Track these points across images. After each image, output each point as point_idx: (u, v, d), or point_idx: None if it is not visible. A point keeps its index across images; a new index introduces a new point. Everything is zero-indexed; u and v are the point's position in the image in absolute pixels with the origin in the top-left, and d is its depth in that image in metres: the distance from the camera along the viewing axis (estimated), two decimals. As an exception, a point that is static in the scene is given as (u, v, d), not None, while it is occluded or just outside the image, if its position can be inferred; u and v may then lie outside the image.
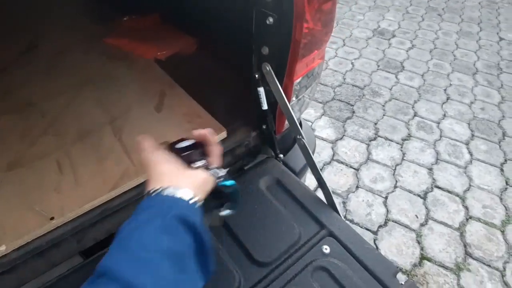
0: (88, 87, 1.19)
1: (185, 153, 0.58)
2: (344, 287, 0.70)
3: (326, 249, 0.76)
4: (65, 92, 1.17)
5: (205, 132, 0.61)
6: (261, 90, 0.89)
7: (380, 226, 2.02)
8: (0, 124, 1.03)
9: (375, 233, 1.97)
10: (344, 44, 3.60)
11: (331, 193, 0.85)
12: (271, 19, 0.74)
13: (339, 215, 0.83)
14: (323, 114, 2.78)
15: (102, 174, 0.88)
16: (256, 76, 0.87)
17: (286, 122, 0.97)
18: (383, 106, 2.87)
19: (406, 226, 2.01)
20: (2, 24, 1.54)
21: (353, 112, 2.80)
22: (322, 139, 2.55)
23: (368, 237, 1.96)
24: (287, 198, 0.88)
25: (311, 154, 0.85)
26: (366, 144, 2.54)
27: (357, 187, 2.25)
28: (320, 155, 2.41)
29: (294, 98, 0.92)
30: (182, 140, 0.63)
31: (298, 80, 0.85)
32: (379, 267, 0.72)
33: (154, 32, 1.45)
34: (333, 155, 2.42)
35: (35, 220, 0.76)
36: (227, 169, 0.61)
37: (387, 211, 2.10)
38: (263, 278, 0.72)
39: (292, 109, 0.88)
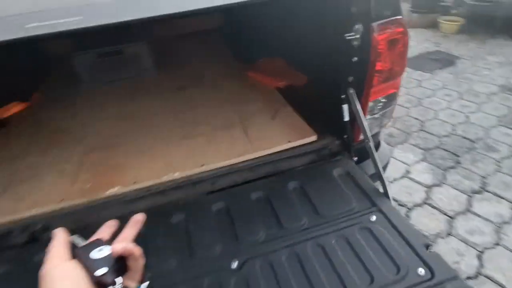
0: (229, 102, 1.81)
1: (99, 271, 0.50)
2: (381, 243, 0.95)
3: (373, 218, 1.03)
4: (216, 102, 1.81)
5: (125, 246, 0.56)
6: (345, 107, 1.26)
7: (468, 277, 1.93)
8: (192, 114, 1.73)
9: (461, 281, 1.90)
10: (460, 97, 3.53)
11: (387, 186, 1.11)
12: (355, 58, 1.14)
13: (390, 201, 1.08)
14: (423, 160, 2.80)
15: (232, 148, 1.40)
16: (343, 96, 1.25)
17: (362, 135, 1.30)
18: (498, 162, 2.70)
19: (500, 285, 1.86)
20: (181, 62, 2.42)
21: (458, 162, 2.73)
22: (418, 182, 2.59)
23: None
24: (352, 184, 1.19)
25: (375, 154, 1.15)
26: (468, 195, 2.44)
27: (449, 234, 2.20)
28: (412, 196, 2.46)
29: (369, 116, 1.26)
30: (98, 243, 0.55)
31: (372, 103, 1.20)
32: (414, 238, 0.95)
33: (278, 69, 2.02)
34: (426, 198, 2.43)
35: (193, 164, 1.32)
36: (147, 282, 0.58)
37: (481, 265, 1.99)
38: (322, 223, 1.05)
39: (366, 122, 1.22)
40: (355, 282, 0.88)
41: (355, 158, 1.33)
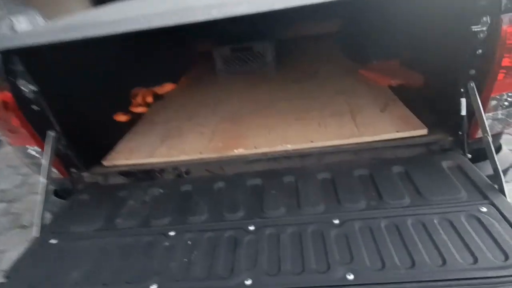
0: (342, 94, 1.96)
1: None
2: (490, 232, 0.96)
3: (483, 209, 1.04)
4: (327, 94, 1.98)
5: None
6: (463, 100, 1.27)
7: None
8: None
9: None
10: None
11: (504, 183, 1.09)
12: (480, 51, 1.15)
13: (506, 198, 1.06)
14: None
15: (339, 131, 1.55)
16: (462, 90, 1.26)
17: (479, 132, 1.28)
18: None
19: None
20: (298, 60, 2.68)
21: None
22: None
23: None
24: (462, 177, 1.19)
25: (493, 150, 1.14)
26: None
27: None
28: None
29: (491, 113, 1.24)
30: None
31: (494, 100, 1.18)
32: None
33: (391, 69, 2.06)
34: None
35: (303, 140, 1.53)
36: None
37: None
38: (424, 205, 1.11)
39: (486, 119, 1.21)
40: (457, 260, 0.92)
41: (469, 156, 1.31)
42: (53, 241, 1.27)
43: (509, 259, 0.89)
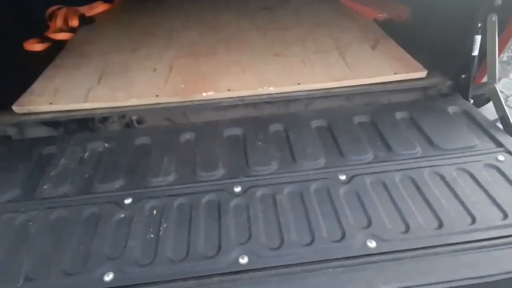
0: (323, 26, 1.67)
1: None
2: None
3: (501, 158, 0.93)
4: (306, 26, 1.68)
5: None
6: (477, 37, 1.10)
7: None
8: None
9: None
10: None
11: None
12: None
13: (520, 144, 0.97)
14: None
15: (329, 72, 1.30)
16: (479, 24, 1.08)
17: (485, 77, 1.15)
18: None
19: None
20: None
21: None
22: None
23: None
24: (471, 123, 1.07)
25: (500, 96, 1.02)
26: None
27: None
28: None
29: (506, 53, 1.09)
30: None
31: None
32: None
33: (379, 0, 1.82)
34: None
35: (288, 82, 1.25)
36: None
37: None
38: (438, 155, 0.96)
39: (500, 61, 1.06)
40: (487, 216, 0.80)
41: (472, 101, 1.19)
42: None
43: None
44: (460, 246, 0.76)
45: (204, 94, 1.24)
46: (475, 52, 1.12)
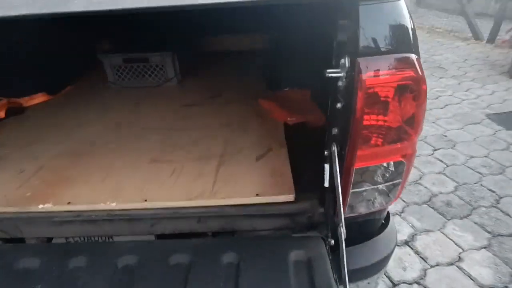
0: (226, 128, 1.57)
1: None
2: None
3: None
4: (213, 127, 1.59)
5: None
6: (326, 167, 0.91)
7: None
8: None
9: None
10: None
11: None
12: (339, 105, 0.79)
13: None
14: (485, 248, 2.12)
15: (191, 186, 1.15)
16: (325, 153, 0.90)
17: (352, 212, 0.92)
18: None
19: None
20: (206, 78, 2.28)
21: (540, 265, 1.98)
22: (470, 277, 1.94)
23: None
24: (304, 280, 0.82)
25: (343, 249, 0.77)
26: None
27: None
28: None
29: (353, 186, 0.88)
30: None
31: (360, 168, 0.82)
32: None
33: (296, 103, 1.70)
34: (474, 302, 1.79)
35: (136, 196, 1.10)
36: None
37: None
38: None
39: (351, 195, 0.85)
40: None
41: (331, 241, 0.94)
42: None
43: None
44: None
45: (41, 206, 1.13)
46: (326, 184, 0.91)
